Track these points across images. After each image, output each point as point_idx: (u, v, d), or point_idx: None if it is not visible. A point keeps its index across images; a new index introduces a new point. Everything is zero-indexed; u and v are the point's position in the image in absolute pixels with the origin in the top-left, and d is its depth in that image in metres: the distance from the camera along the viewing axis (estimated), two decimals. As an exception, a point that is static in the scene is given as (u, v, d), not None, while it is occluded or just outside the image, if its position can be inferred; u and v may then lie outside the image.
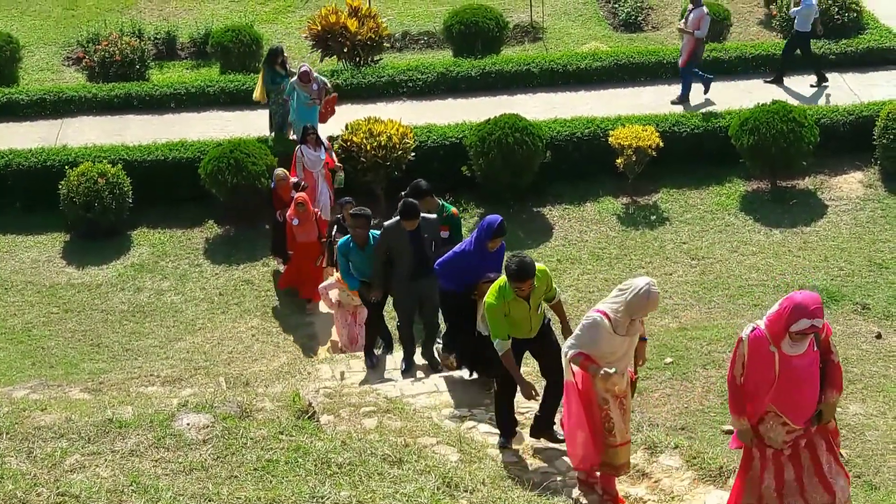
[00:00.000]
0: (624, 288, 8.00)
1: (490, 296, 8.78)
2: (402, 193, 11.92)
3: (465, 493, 6.74)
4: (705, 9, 18.72)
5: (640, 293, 7.85)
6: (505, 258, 8.74)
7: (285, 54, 18.36)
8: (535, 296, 8.87)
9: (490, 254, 10.15)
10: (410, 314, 11.63)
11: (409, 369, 11.59)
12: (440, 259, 10.65)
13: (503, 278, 8.77)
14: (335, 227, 14.09)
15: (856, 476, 10.31)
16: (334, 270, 13.40)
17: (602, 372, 7.98)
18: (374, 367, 11.79)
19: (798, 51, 19.59)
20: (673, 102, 19.07)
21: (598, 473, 8.65)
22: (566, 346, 8.29)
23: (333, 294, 13.25)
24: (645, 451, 9.32)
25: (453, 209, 12.28)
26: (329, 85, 17.81)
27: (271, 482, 6.32)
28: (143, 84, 20.48)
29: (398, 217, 11.16)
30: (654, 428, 10.08)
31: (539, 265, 8.84)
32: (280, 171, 15.49)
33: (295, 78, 17.23)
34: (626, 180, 17.38)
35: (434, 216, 11.41)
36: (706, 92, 19.20)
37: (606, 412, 8.31)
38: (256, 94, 18.20)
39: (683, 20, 19.15)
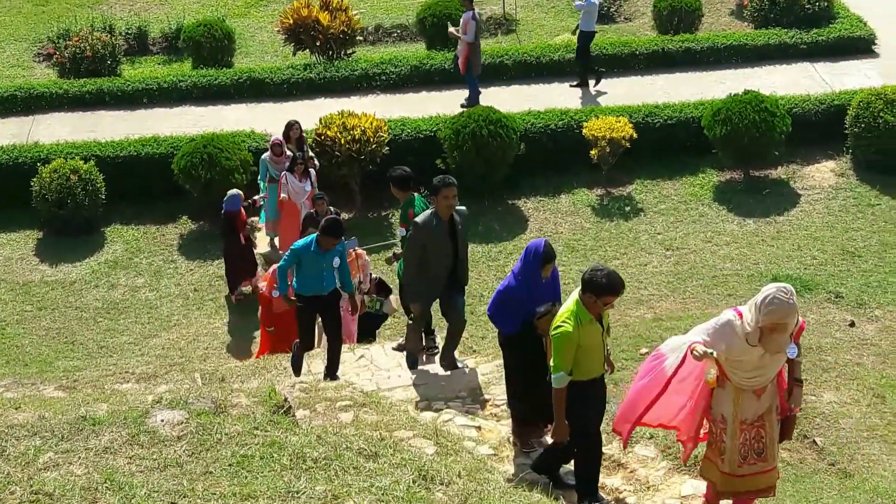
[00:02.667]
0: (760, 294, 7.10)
1: (564, 322, 7.77)
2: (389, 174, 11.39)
3: (441, 486, 6.73)
4: (473, 12, 18.50)
5: (766, 298, 6.93)
6: (585, 272, 7.66)
7: (302, 131, 16.35)
8: (605, 318, 7.95)
9: (540, 284, 8.85)
10: (426, 315, 10.99)
11: (414, 367, 11.08)
12: (489, 307, 9.34)
13: (571, 303, 7.82)
14: (307, 224, 14.03)
15: (830, 464, 10.37)
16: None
17: (704, 351, 7.10)
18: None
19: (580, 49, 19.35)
20: (462, 106, 18.56)
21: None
22: (694, 336, 7.33)
23: None
24: (620, 442, 9.36)
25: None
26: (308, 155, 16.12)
27: (246, 478, 6.31)
28: (115, 80, 20.37)
29: (430, 206, 10.20)
30: (630, 418, 10.09)
31: None
32: (235, 191, 14.89)
33: (267, 154, 15.85)
34: (600, 172, 17.42)
35: (464, 207, 10.45)
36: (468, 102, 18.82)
37: (721, 431, 7.50)
38: None
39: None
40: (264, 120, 18.38)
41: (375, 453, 6.91)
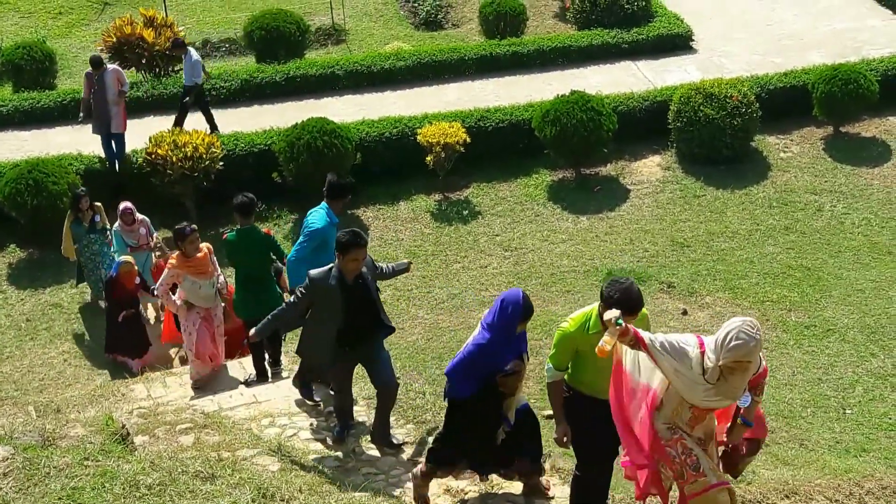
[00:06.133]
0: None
1: (570, 319, 7.32)
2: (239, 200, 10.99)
3: (282, 503, 6.68)
4: (111, 66, 17.36)
5: (729, 333, 6.27)
6: (604, 284, 6.98)
7: (93, 202, 14.68)
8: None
9: (514, 338, 7.93)
10: (347, 385, 9.69)
11: (342, 435, 9.76)
12: (451, 365, 8.06)
13: (590, 309, 7.26)
14: None
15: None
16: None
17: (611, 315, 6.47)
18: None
19: (194, 104, 18.30)
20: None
21: None
22: (650, 335, 6.64)
23: (179, 295, 11.42)
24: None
25: (265, 228, 11.38)
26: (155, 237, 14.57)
27: (78, 510, 6.14)
28: (-69, 106, 19.55)
29: (336, 260, 8.94)
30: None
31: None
32: (128, 258, 13.50)
33: (117, 223, 14.25)
34: (436, 177, 17.57)
35: (369, 257, 9.25)
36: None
37: (681, 441, 6.75)
38: (64, 249, 15.01)
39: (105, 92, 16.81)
40: (92, 142, 17.89)
41: (213, 475, 6.80)
